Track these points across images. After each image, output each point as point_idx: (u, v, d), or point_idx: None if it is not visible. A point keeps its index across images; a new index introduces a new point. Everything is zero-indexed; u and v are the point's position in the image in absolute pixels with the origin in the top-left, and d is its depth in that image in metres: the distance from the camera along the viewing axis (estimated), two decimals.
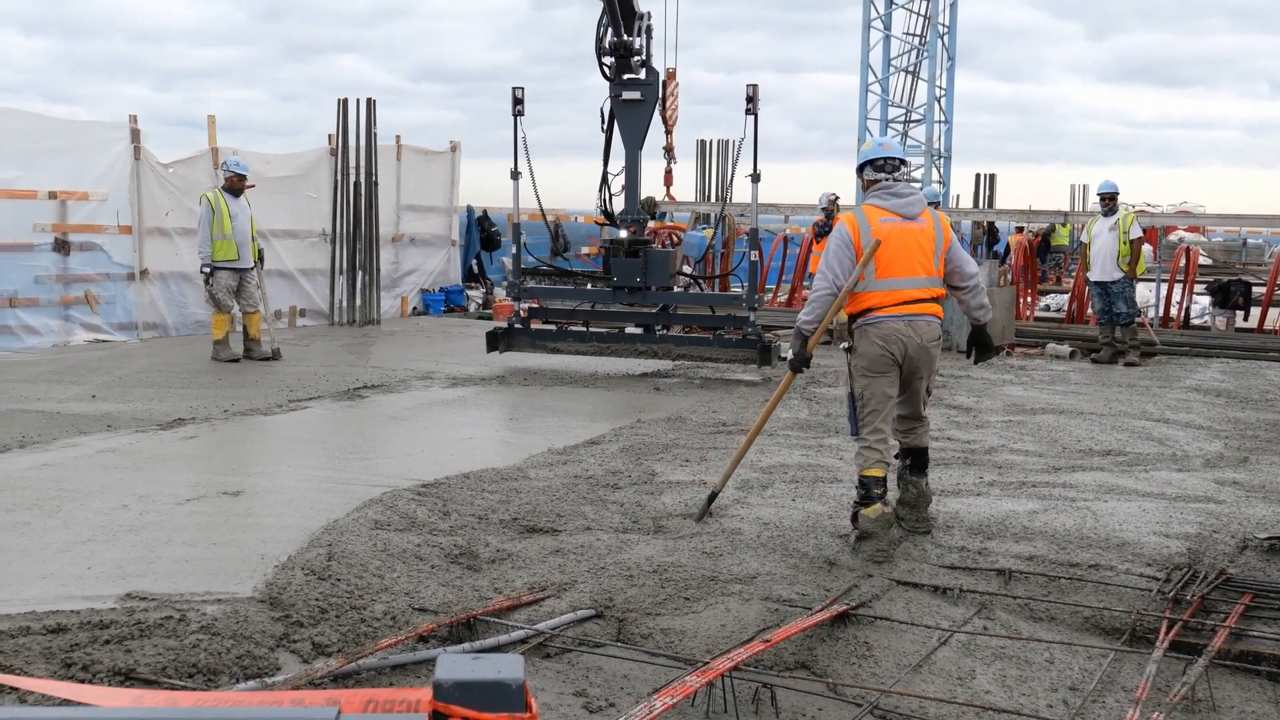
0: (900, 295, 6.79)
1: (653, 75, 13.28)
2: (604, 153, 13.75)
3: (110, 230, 15.45)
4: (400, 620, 5.23)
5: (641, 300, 13.43)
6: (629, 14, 13.01)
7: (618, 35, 12.98)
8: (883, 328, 6.75)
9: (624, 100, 13.16)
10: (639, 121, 13.28)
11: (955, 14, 31.57)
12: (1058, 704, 4.77)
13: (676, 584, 5.78)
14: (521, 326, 13.82)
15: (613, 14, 12.85)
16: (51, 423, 9.73)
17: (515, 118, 13.42)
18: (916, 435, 7.13)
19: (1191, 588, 5.98)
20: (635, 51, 13.19)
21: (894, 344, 6.74)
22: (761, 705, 4.58)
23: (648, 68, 13.30)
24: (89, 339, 15.19)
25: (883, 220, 6.80)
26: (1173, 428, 10.65)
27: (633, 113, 13.21)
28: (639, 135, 13.35)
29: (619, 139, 13.46)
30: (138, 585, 5.63)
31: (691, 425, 10.18)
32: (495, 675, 1.40)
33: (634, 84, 13.15)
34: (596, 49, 13.24)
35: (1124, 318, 15.52)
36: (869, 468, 6.74)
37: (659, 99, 13.27)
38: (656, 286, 13.39)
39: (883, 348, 6.74)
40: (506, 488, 7.66)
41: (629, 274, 13.23)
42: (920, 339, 6.82)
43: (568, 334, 13.85)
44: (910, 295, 6.81)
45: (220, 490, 7.55)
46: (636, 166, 13.43)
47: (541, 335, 13.86)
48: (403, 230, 20.03)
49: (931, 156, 31.42)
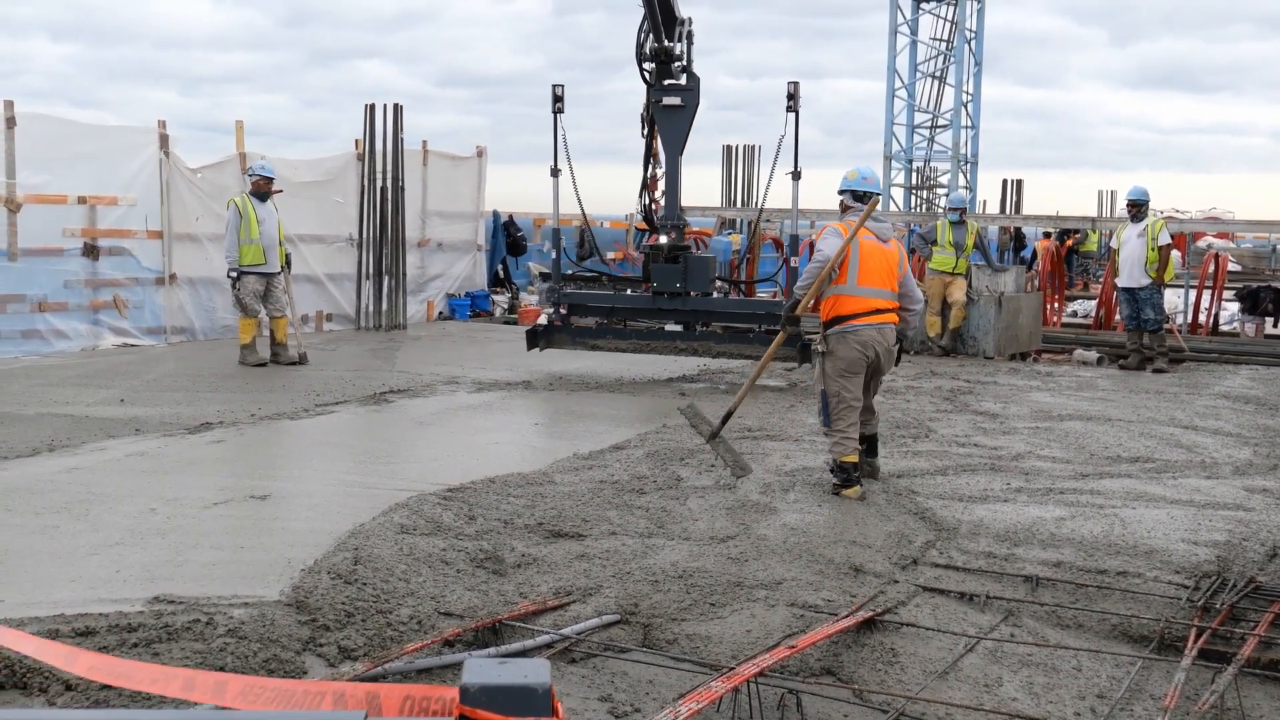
0: (872, 304, 8.04)
1: (694, 80, 13.19)
2: (644, 158, 13.67)
3: (139, 235, 15.52)
4: (426, 624, 5.24)
5: (681, 305, 13.33)
6: (670, 19, 12.89)
7: (658, 40, 12.85)
8: (861, 335, 7.99)
9: (665, 106, 13.08)
10: (680, 127, 13.20)
11: (983, 18, 31.47)
12: (1085, 712, 4.75)
13: (702, 589, 5.77)
14: (561, 324, 13.79)
15: (653, 19, 12.74)
16: (80, 426, 9.79)
17: (555, 115, 13.38)
18: (871, 425, 8.37)
19: (1220, 595, 5.94)
20: (676, 57, 13.08)
21: (869, 348, 8.00)
22: (787, 711, 4.57)
23: (689, 73, 13.20)
24: (117, 343, 15.26)
25: (865, 237, 8.10)
26: (1201, 434, 10.58)
27: (674, 118, 13.12)
28: (680, 141, 13.28)
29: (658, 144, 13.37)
30: (165, 588, 5.66)
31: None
32: (521, 680, 1.40)
33: (675, 89, 13.07)
34: (637, 54, 13.13)
35: (1152, 324, 15.43)
36: (847, 455, 7.94)
37: (699, 104, 13.20)
38: (696, 292, 13.34)
39: (860, 351, 7.98)
40: (532, 492, 7.66)
41: (669, 279, 13.17)
42: (886, 343, 8.11)
43: (607, 331, 13.80)
44: (879, 304, 8.08)
45: (247, 494, 7.58)
46: (677, 172, 13.37)
47: (581, 332, 13.81)
48: (429, 235, 20.06)
49: (958, 162, 31.30)
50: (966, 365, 15.37)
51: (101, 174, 15.21)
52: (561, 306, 13.77)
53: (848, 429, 7.95)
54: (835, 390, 8.00)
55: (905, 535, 6.97)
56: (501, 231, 22.60)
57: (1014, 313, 16.61)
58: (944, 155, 31.93)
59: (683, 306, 13.36)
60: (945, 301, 16.40)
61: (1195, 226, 24.33)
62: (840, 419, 7.98)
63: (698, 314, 13.51)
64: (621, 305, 14.00)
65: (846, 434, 7.93)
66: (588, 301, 14.09)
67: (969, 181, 31.59)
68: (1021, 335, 16.88)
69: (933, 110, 32.32)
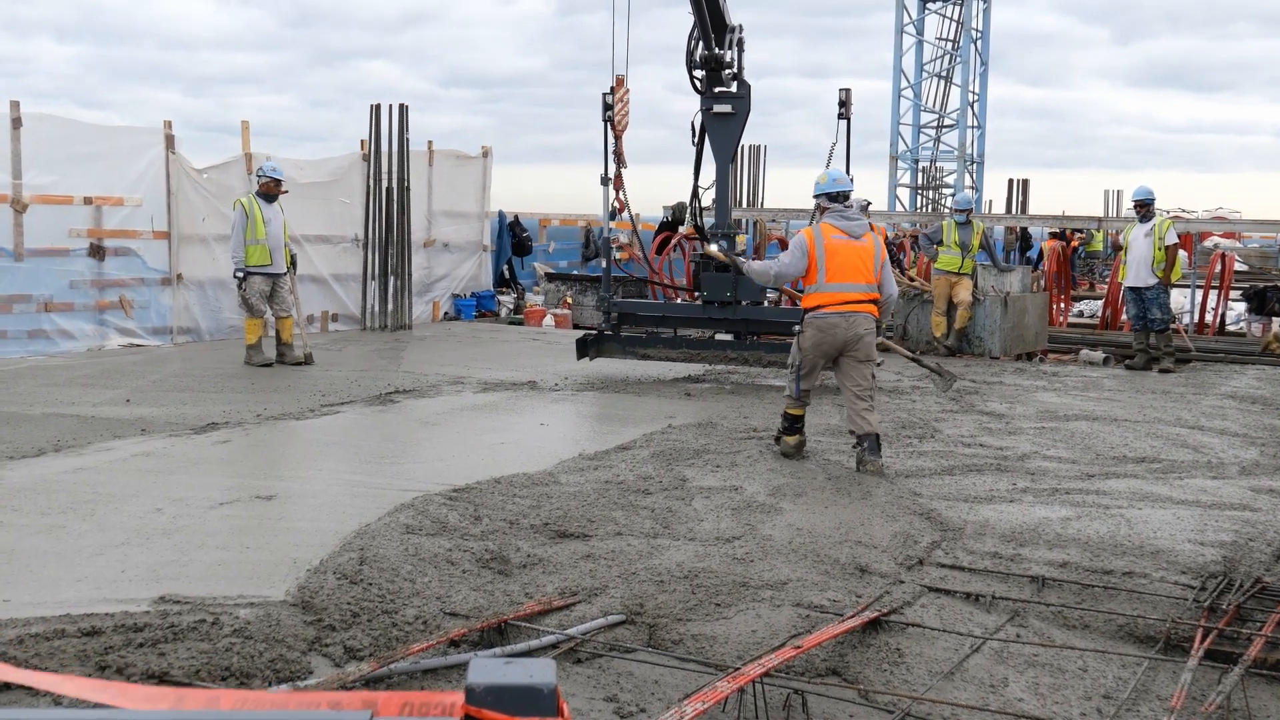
0: (842, 296, 8.85)
1: (744, 88, 13.11)
2: (695, 166, 13.62)
3: (145, 235, 15.55)
4: (431, 625, 5.24)
5: (732, 315, 13.17)
6: (720, 27, 12.81)
7: (708, 48, 12.79)
8: (826, 320, 8.87)
9: (715, 114, 13.01)
10: (730, 134, 13.13)
11: (989, 18, 31.45)
12: (1091, 713, 4.74)
13: (707, 590, 5.77)
14: (611, 333, 13.70)
15: (703, 27, 12.67)
16: (86, 427, 9.80)
17: (605, 122, 13.32)
18: (865, 419, 8.76)
19: (1227, 596, 5.93)
20: (726, 64, 13.01)
21: (832, 333, 8.85)
22: (792, 712, 4.56)
23: (739, 80, 13.13)
24: (123, 343, 15.28)
25: (834, 236, 8.89)
26: (1208, 435, 10.57)
27: (724, 126, 13.06)
28: (730, 148, 13.25)
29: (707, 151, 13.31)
30: (171, 588, 5.66)
31: (723, 431, 10.17)
32: (527, 680, 1.40)
33: (725, 97, 13.00)
34: (687, 62, 13.03)
35: (1158, 324, 15.42)
36: (793, 408, 9.15)
37: (749, 112, 13.10)
38: (747, 301, 13.24)
39: (824, 334, 8.87)
40: (537, 493, 7.66)
41: (719, 289, 13.06)
42: (855, 329, 8.83)
43: (658, 340, 13.71)
44: (850, 297, 8.86)
45: (253, 494, 7.59)
46: (727, 179, 13.32)
47: (631, 342, 13.69)
48: (434, 235, 20.08)
49: (964, 161, 31.29)
50: (972, 365, 15.37)
51: (107, 174, 15.23)
52: (612, 315, 13.68)
53: (802, 394, 9.12)
54: (798, 361, 9.12)
55: (911, 535, 6.96)
56: (507, 232, 22.62)
57: (1020, 313, 16.60)
58: (950, 155, 31.95)
59: (733, 315, 13.21)
60: (951, 301, 16.39)
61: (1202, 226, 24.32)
62: (800, 385, 9.14)
63: (749, 323, 13.39)
64: (672, 315, 13.96)
65: (800, 396, 9.13)
66: (638, 311, 14.05)
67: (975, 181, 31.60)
68: (1027, 335, 16.87)
69: (939, 110, 32.34)
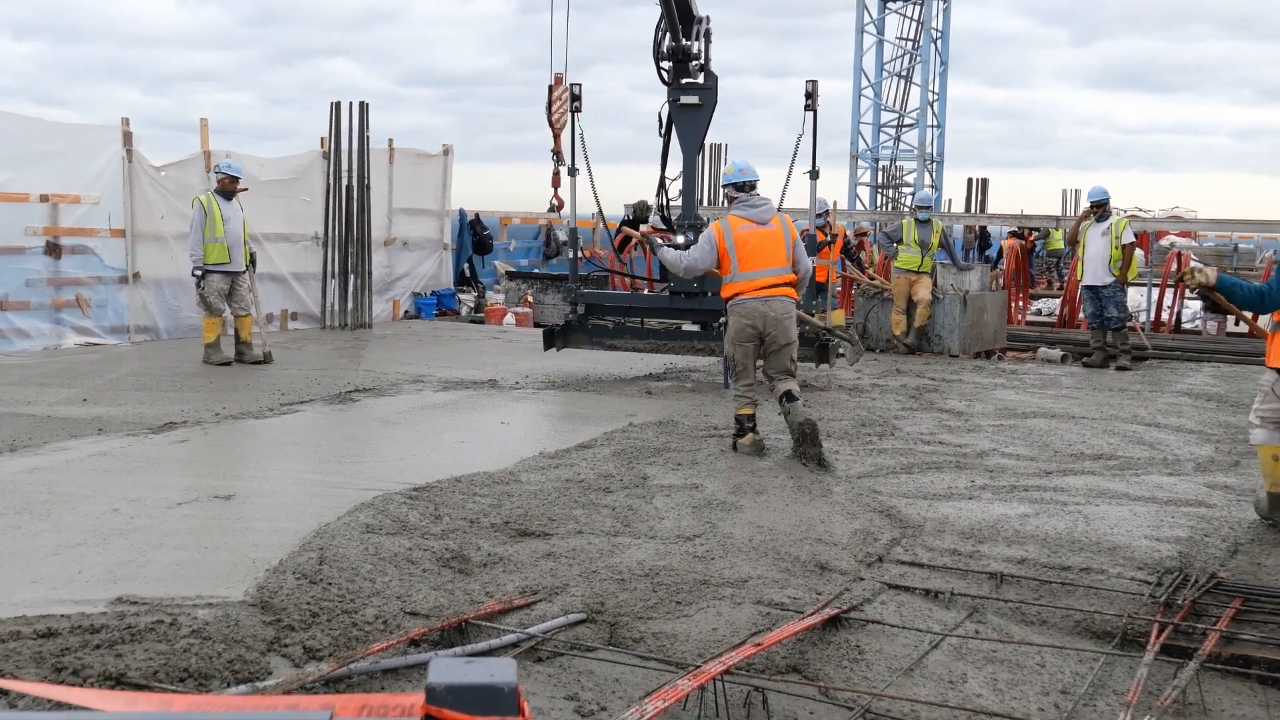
0: (758, 283, 9.20)
1: (712, 80, 13.11)
2: (662, 158, 13.63)
3: (102, 233, 15.41)
4: (392, 624, 5.23)
5: (699, 305, 13.16)
6: (687, 18, 12.81)
7: (676, 40, 12.76)
8: (745, 307, 9.22)
9: (682, 105, 13.01)
10: (697, 126, 13.15)
11: (949, 18, 31.63)
12: (1049, 708, 4.78)
13: (668, 588, 5.78)
14: (578, 324, 13.69)
15: (671, 18, 12.66)
16: (42, 426, 9.71)
17: (573, 114, 13.32)
18: (784, 382, 9.26)
19: (1183, 591, 5.99)
20: (694, 56, 13.01)
21: (753, 318, 9.17)
22: (753, 709, 4.58)
23: (706, 72, 13.13)
24: (80, 342, 15.15)
25: (742, 227, 9.29)
26: (1164, 432, 10.67)
27: (691, 118, 13.06)
28: (697, 139, 13.25)
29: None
30: (129, 589, 5.61)
31: (683, 429, 10.18)
32: (488, 679, 1.40)
33: (693, 89, 13.01)
34: (655, 54, 13.02)
35: (1115, 322, 15.55)
36: (742, 408, 9.26)
37: (716, 103, 13.12)
38: (713, 292, 13.22)
39: (746, 322, 9.19)
40: (498, 491, 7.65)
41: (686, 279, 13.08)
42: (774, 313, 9.19)
43: (625, 331, 13.72)
44: (766, 282, 9.20)
45: (211, 494, 7.54)
46: (694, 170, 13.35)
47: (598, 332, 13.70)
48: (395, 234, 20.00)
49: (924, 161, 31.45)
50: (932, 363, 15.45)
51: (65, 172, 15.08)
52: (579, 306, 13.66)
53: (745, 390, 9.30)
54: (730, 354, 9.50)
55: (871, 533, 6.99)
56: (468, 230, 22.55)
57: (979, 311, 16.71)
58: (910, 154, 32.09)
59: (700, 306, 13.20)
60: (911, 300, 16.48)
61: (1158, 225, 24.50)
62: (736, 379, 9.47)
63: (715, 314, 13.39)
64: (639, 305, 13.96)
65: (743, 393, 9.30)
66: (605, 301, 14.05)
67: (935, 180, 31.74)
68: (986, 333, 16.98)
69: (899, 109, 32.47)
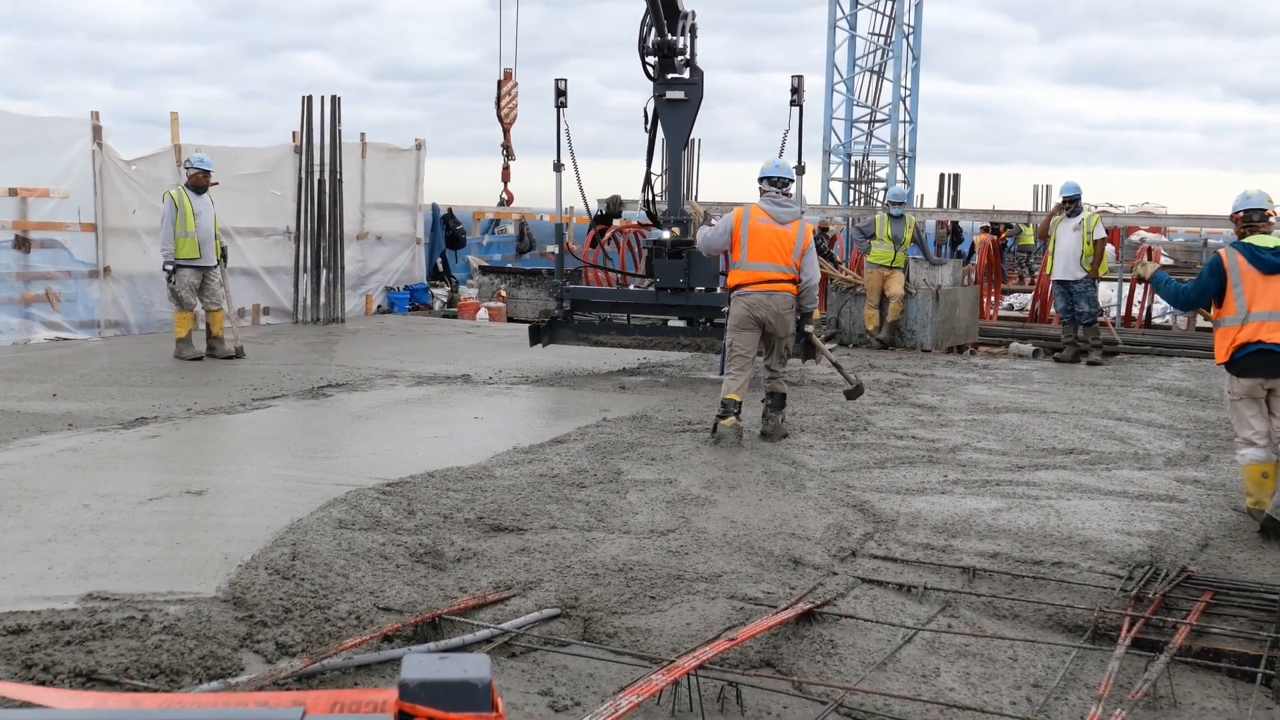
0: (763, 275, 9.60)
1: (697, 74, 13.10)
2: (647, 153, 13.65)
3: (72, 228, 15.29)
4: (365, 620, 5.21)
5: (685, 301, 13.15)
6: (673, 13, 12.77)
7: (661, 35, 12.71)
8: (749, 298, 9.58)
9: (668, 100, 12.99)
10: (683, 121, 13.13)
11: (920, 14, 31.70)
12: (1021, 701, 4.80)
13: (642, 583, 5.78)
14: (564, 320, 13.65)
15: (656, 13, 12.61)
16: (11, 421, 9.63)
17: (558, 109, 13.29)
18: (776, 382, 9.80)
19: (1153, 585, 6.03)
20: (679, 51, 12.98)
21: (756, 309, 9.53)
22: (727, 704, 4.59)
23: (692, 67, 13.11)
24: (50, 337, 15.04)
25: (760, 219, 9.68)
26: (1135, 426, 10.73)
27: (677, 113, 13.04)
28: (683, 134, 13.23)
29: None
30: (99, 585, 5.58)
31: (657, 424, 10.18)
32: (461, 675, 1.39)
33: (678, 84, 12.98)
34: (640, 48, 12.98)
35: (1086, 317, 15.62)
36: (729, 393, 9.48)
37: (702, 98, 13.12)
38: (699, 288, 13.25)
39: (748, 311, 9.55)
40: (471, 486, 7.63)
41: (672, 275, 13.06)
42: (776, 307, 9.56)
43: (611, 327, 13.69)
44: (770, 275, 9.60)
45: (183, 489, 7.49)
46: (680, 165, 13.34)
47: (584, 328, 13.66)
48: (367, 228, 19.93)
49: (897, 156, 31.53)
50: (904, 358, 15.50)
51: (34, 166, 14.95)
52: (565, 302, 13.63)
53: (736, 374, 9.58)
54: (730, 341, 9.76)
55: (844, 527, 7.01)
56: (441, 225, 22.48)
57: (951, 306, 16.76)
58: (882, 149, 32.15)
59: (686, 302, 13.20)
60: (883, 295, 16.51)
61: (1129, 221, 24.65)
62: (731, 365, 9.73)
63: (701, 309, 13.37)
64: (625, 301, 13.96)
65: (734, 378, 9.57)
66: (591, 297, 14.03)
67: (907, 176, 31.83)
68: (959, 328, 17.04)
69: (871, 105, 32.53)
